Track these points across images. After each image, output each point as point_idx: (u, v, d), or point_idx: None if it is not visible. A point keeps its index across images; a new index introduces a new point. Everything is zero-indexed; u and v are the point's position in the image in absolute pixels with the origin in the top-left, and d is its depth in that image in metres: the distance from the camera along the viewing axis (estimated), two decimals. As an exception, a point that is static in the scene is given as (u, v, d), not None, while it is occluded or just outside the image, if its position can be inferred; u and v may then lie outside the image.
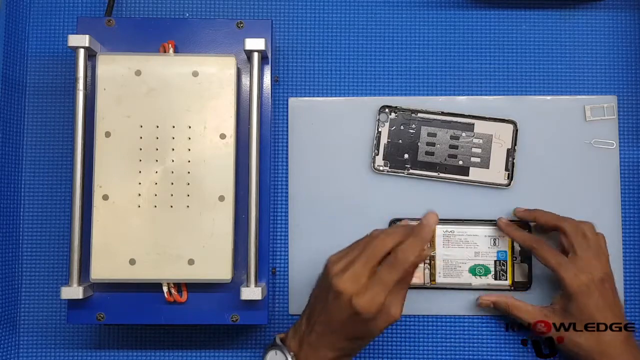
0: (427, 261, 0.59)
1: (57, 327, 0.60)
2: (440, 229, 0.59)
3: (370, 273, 0.46)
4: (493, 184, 0.60)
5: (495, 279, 0.59)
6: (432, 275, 0.59)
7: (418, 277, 0.59)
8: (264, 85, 0.57)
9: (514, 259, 0.59)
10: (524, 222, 0.59)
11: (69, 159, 0.58)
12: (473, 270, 0.59)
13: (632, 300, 0.60)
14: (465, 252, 0.59)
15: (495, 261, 0.59)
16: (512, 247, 0.59)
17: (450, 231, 0.59)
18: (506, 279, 0.59)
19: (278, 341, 0.51)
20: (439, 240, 0.59)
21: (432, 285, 0.59)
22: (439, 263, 0.59)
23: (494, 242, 0.59)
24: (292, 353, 0.49)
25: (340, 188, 0.60)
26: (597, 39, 0.62)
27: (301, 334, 0.50)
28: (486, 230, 0.59)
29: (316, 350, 0.48)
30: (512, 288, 0.59)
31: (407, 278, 0.47)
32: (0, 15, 0.58)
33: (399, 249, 0.47)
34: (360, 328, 0.47)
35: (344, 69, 0.62)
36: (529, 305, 0.57)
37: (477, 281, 0.59)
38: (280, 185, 0.61)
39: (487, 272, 0.59)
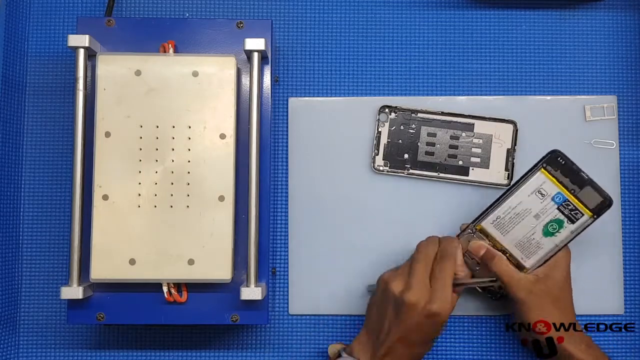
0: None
1: (57, 327, 0.60)
2: (487, 223, 0.54)
3: (429, 279, 0.52)
4: (493, 184, 0.60)
5: (572, 222, 0.53)
6: (519, 263, 0.54)
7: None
8: (264, 85, 0.56)
9: (572, 191, 0.52)
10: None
11: (69, 159, 0.58)
12: (547, 232, 0.53)
13: (632, 300, 0.60)
14: (527, 223, 0.53)
15: (558, 207, 0.53)
16: (561, 182, 0.53)
17: (498, 217, 0.54)
18: (583, 214, 0.53)
19: (344, 354, 0.53)
20: (495, 234, 0.54)
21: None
22: (515, 252, 0.54)
23: (540, 193, 0.53)
24: None
25: (340, 188, 0.60)
26: (597, 39, 0.62)
27: (372, 348, 0.53)
28: (526, 189, 0.53)
29: None
30: (595, 217, 0.52)
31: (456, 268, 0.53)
32: (0, 15, 0.58)
33: (441, 247, 0.54)
34: (436, 328, 0.52)
35: (344, 69, 0.62)
36: (513, 270, 0.54)
37: (559, 239, 0.53)
38: (280, 185, 0.61)
39: (560, 224, 0.53)
